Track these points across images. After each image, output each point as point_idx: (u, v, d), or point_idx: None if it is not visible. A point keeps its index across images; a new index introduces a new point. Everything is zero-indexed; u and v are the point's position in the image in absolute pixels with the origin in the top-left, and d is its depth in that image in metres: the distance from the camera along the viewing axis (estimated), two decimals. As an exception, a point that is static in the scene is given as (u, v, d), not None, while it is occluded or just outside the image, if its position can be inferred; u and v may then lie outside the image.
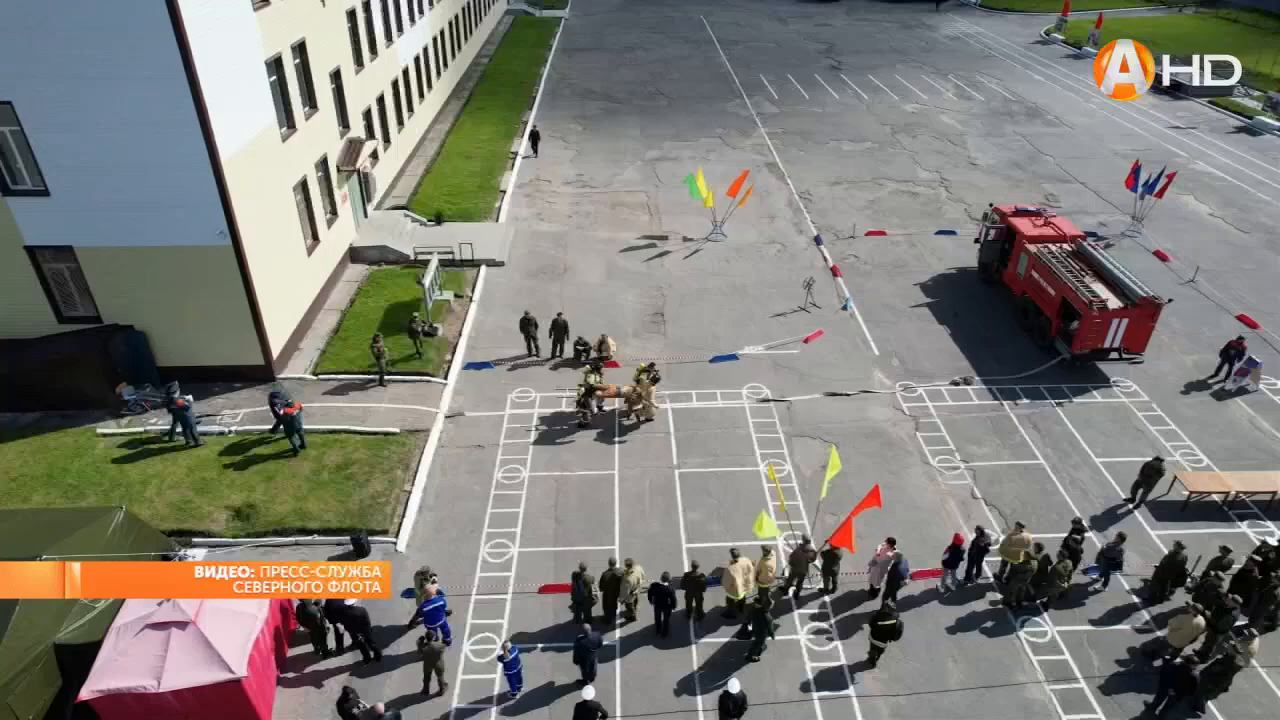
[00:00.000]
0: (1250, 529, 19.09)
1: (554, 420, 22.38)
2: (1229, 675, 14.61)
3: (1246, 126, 45.32)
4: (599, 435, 21.82)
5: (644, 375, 22.34)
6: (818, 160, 40.45)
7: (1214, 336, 25.60)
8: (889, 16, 72.66)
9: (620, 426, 22.15)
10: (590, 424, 22.25)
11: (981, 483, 20.47)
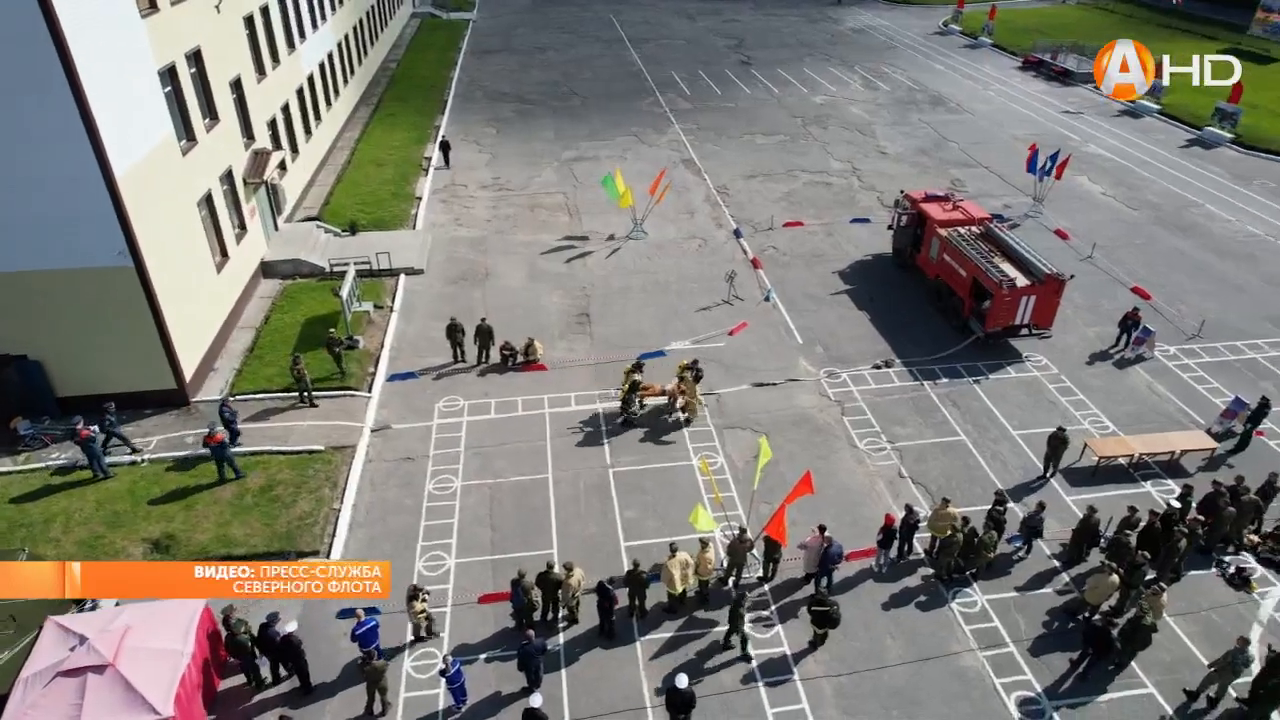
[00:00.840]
0: (1154, 488, 20.17)
1: (493, 426, 22.10)
2: (1142, 632, 15.37)
3: (1129, 110, 47.83)
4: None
5: (686, 372, 22.27)
6: (733, 154, 40.98)
7: (1112, 309, 26.95)
8: (795, 11, 74.10)
9: (608, 425, 22.03)
10: (636, 423, 22.15)
11: (908, 462, 21.08)
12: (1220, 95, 44.15)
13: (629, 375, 22.25)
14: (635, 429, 22.04)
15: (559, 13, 73.16)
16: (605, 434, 21.90)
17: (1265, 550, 18.32)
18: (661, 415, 22.58)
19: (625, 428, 22.05)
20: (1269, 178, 38.45)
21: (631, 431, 21.95)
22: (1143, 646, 15.57)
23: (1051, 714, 15.13)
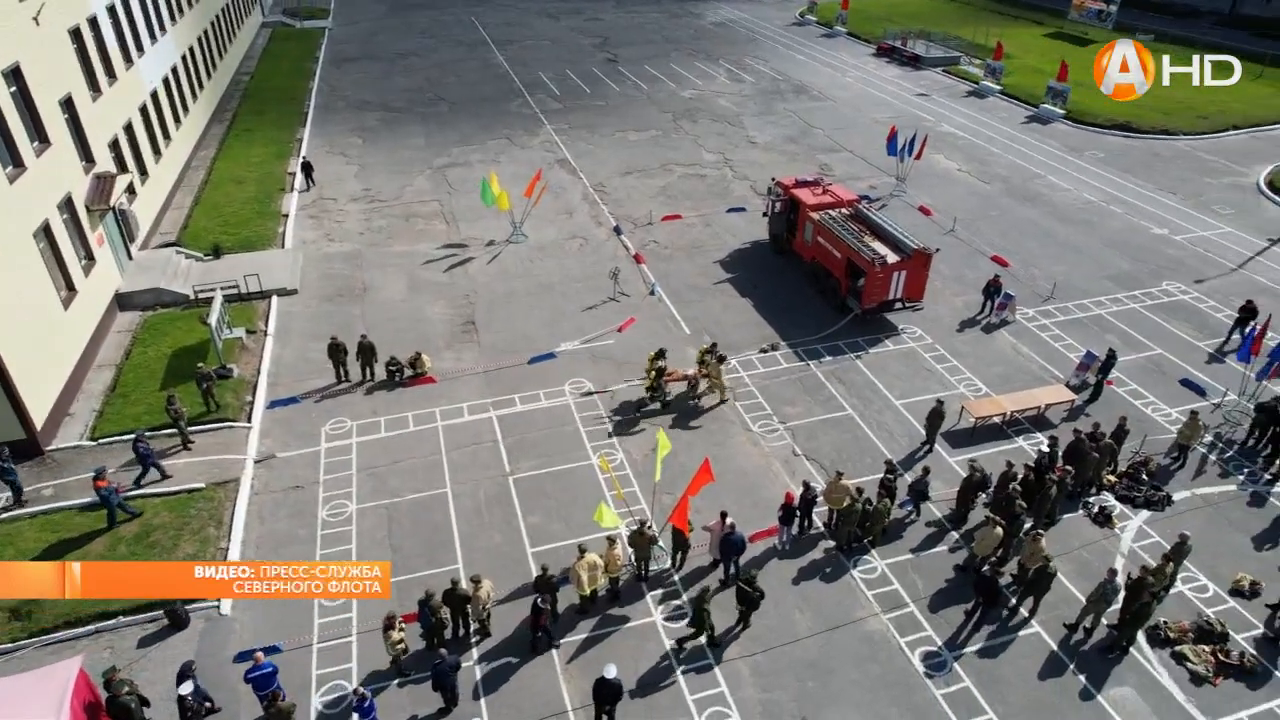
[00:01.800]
0: (1025, 442, 21.56)
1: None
2: (1045, 580, 16.42)
3: (975, 90, 50.89)
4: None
5: (707, 356, 22.58)
6: (606, 152, 41.14)
7: (976, 277, 28.60)
8: (656, 7, 74.99)
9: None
10: (668, 407, 22.59)
11: (800, 440, 21.74)
12: (1050, 75, 47.58)
13: (653, 362, 22.40)
14: (534, 433, 21.84)
15: (418, 17, 71.45)
16: (501, 441, 21.60)
17: (1121, 488, 19.92)
18: (689, 400, 23.08)
19: (522, 432, 21.85)
20: (1097, 148, 41.69)
21: (529, 437, 21.75)
22: (1045, 591, 16.61)
23: (952, 664, 15.95)
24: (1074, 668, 15.93)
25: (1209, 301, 27.98)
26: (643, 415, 22.57)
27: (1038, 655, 16.19)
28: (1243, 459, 21.07)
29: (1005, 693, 15.46)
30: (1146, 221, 33.76)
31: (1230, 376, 23.64)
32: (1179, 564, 17.10)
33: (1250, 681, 15.67)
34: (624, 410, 22.76)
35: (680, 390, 23.28)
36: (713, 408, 23.01)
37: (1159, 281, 29.25)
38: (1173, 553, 16.98)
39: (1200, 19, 65.11)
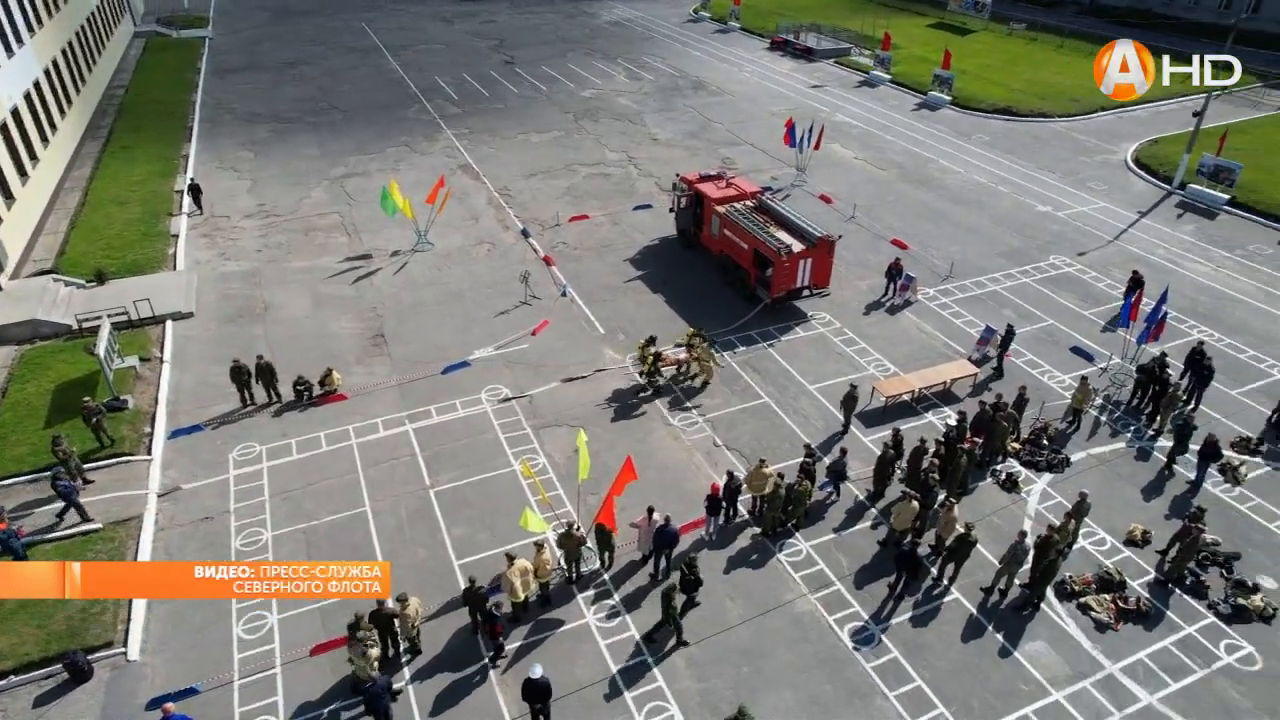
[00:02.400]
0: (934, 417, 22.40)
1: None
2: (965, 548, 17.08)
3: (866, 80, 52.54)
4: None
5: (695, 339, 23.38)
6: (509, 155, 40.73)
7: (878, 261, 29.52)
8: (551, 8, 74.64)
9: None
10: (659, 391, 23.29)
11: (720, 431, 22.02)
12: (935, 63, 49.56)
13: (645, 349, 23.07)
14: (452, 444, 21.46)
15: (305, 24, 69.13)
16: (419, 454, 21.14)
17: (1025, 454, 20.92)
18: (679, 382, 23.83)
19: (440, 444, 21.44)
20: (983, 132, 43.65)
21: (447, 448, 21.35)
22: (965, 559, 17.27)
23: (880, 637, 16.45)
24: (992, 628, 16.65)
25: (1091, 273, 29.66)
26: (642, 400, 22.99)
27: (958, 620, 16.85)
28: (1129, 418, 22.42)
29: (931, 659, 16.03)
30: (1031, 200, 35.53)
31: (1115, 342, 25.10)
32: (1080, 521, 18.08)
33: (1146, 623, 16.71)
34: (541, 414, 22.59)
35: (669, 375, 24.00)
36: (703, 387, 23.64)
37: (1046, 256, 30.83)
38: (1074, 511, 17.95)
39: (1065, 8, 68.91)
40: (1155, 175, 37.75)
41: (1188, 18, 61.66)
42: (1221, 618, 16.82)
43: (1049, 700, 15.28)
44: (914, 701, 15.25)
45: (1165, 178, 37.13)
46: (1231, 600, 17.02)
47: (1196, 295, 28.12)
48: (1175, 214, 34.48)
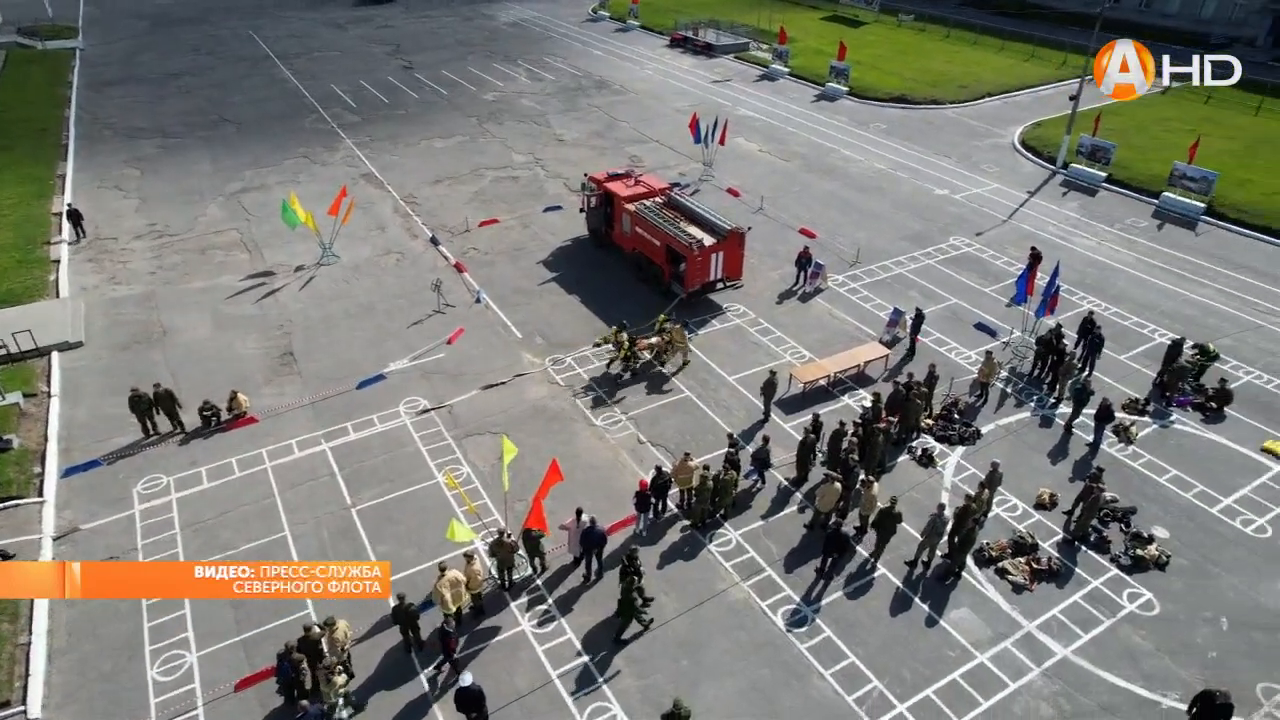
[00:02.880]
0: (850, 399, 23.02)
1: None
2: (890, 521, 17.60)
3: (766, 74, 53.56)
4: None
5: (666, 323, 24.18)
6: (413, 162, 39.91)
7: (787, 251, 30.13)
8: (448, 11, 73.45)
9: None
10: (637, 376, 23.82)
11: (643, 428, 22.11)
12: (831, 55, 50.89)
13: (617, 335, 23.51)
14: (372, 460, 20.91)
15: (187, 33, 66.06)
16: (338, 473, 20.53)
17: (938, 429, 21.72)
18: (654, 367, 24.27)
19: (359, 461, 20.87)
20: (880, 121, 45.07)
21: (367, 464, 20.80)
22: (892, 533, 17.77)
23: (813, 617, 16.81)
24: (918, 599, 17.23)
25: (989, 251, 30.99)
26: (620, 386, 22.98)
27: (886, 595, 17.37)
28: (1031, 388, 23.53)
29: (863, 635, 16.48)
30: (929, 184, 36.87)
31: (1015, 316, 26.28)
32: (994, 490, 18.86)
33: (1058, 581, 17.59)
34: (462, 423, 22.24)
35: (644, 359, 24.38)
36: (678, 371, 24.14)
37: (946, 238, 32.06)
38: (987, 481, 18.72)
39: (948, 1, 71.63)
40: (1040, 156, 39.70)
41: (1060, 8, 65.05)
42: (1123, 569, 17.83)
43: (974, 663, 15.91)
44: (849, 678, 15.65)
45: (1049, 158, 39.09)
46: (1130, 552, 18.06)
47: (1084, 268, 29.71)
48: (1060, 192, 36.34)
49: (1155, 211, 34.25)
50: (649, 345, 24.21)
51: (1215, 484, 20.06)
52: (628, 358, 23.60)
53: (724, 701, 15.27)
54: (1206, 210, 33.41)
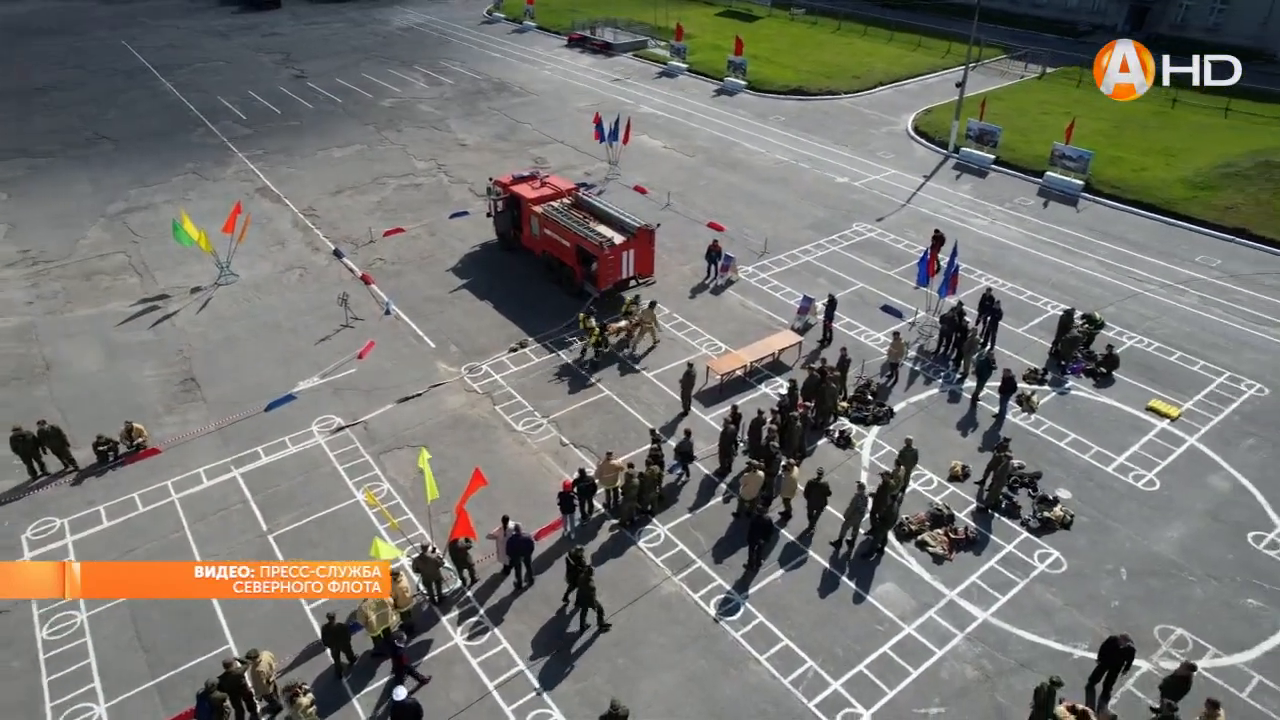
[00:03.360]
0: (767, 388, 23.45)
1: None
2: (818, 490, 18.19)
3: (665, 71, 53.97)
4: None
5: (632, 305, 25.07)
6: (311, 173, 38.64)
7: (697, 245, 30.44)
8: (338, 17, 71.34)
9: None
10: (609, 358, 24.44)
11: (565, 430, 22.00)
12: (728, 50, 51.65)
13: (585, 321, 24.23)
14: (287, 483, 20.17)
15: (50, 45, 62.08)
16: (251, 500, 19.73)
17: (853, 411, 22.34)
18: (622, 350, 24.92)
19: (274, 485, 20.10)
20: (779, 113, 46.03)
21: (282, 488, 20.05)
22: (824, 503, 18.38)
23: (744, 604, 17.06)
24: (845, 578, 17.69)
25: (890, 235, 32.04)
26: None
27: (814, 576, 17.76)
28: (939, 365, 24.45)
29: (794, 617, 16.81)
30: (830, 173, 37.85)
31: (919, 297, 27.23)
32: (910, 466, 19.51)
33: (975, 549, 18.34)
34: (379, 439, 21.69)
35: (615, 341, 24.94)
36: (648, 352, 24.81)
37: (849, 224, 32.98)
38: (902, 457, 19.35)
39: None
40: (933, 142, 41.25)
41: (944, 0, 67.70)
42: (1032, 531, 18.72)
43: (902, 635, 16.44)
44: (784, 660, 15.95)
45: (941, 143, 40.66)
46: (1038, 515, 18.98)
47: (980, 247, 31.03)
48: (954, 175, 37.86)
49: (1040, 190, 36.05)
50: (617, 329, 24.85)
51: (1109, 444, 21.27)
52: (598, 343, 24.09)
53: (663, 696, 15.35)
54: (1085, 187, 35.35)
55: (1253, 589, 17.29)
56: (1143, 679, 15.47)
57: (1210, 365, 24.19)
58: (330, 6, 75.04)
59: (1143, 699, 15.05)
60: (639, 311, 24.87)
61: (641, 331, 24.92)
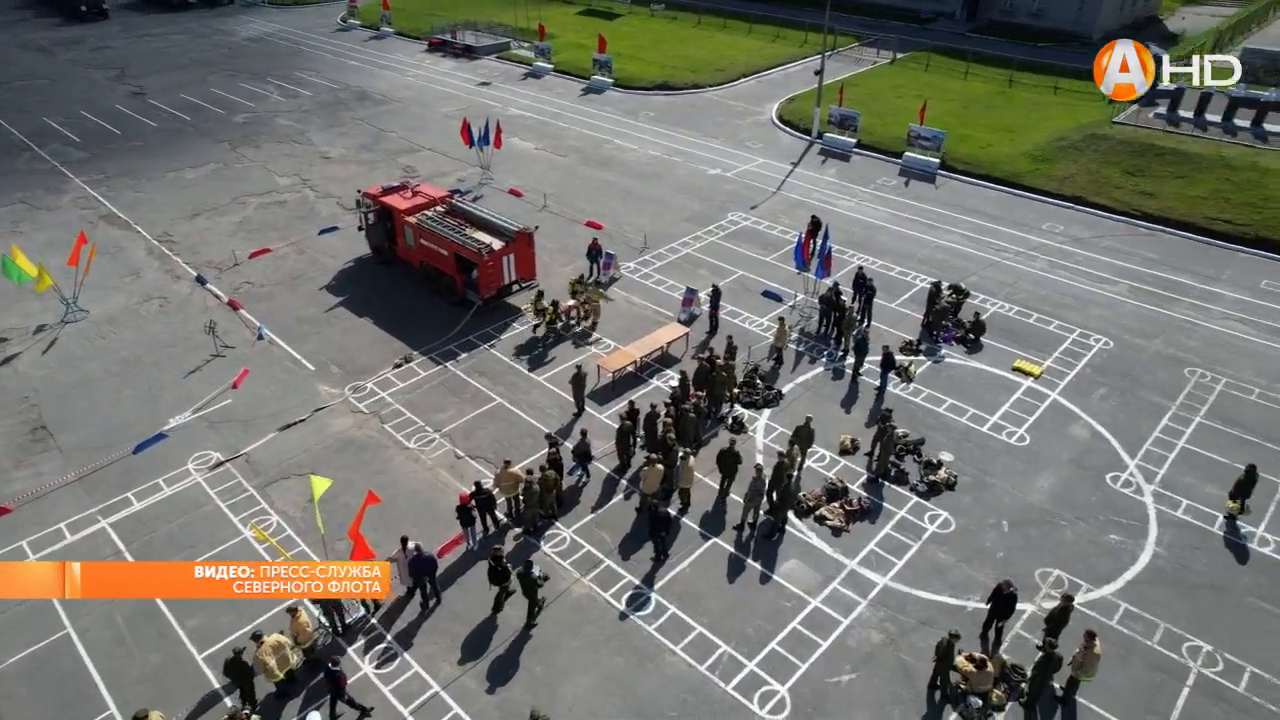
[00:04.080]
0: (659, 381, 23.67)
1: None
2: (730, 459, 18.91)
3: (531, 72, 53.59)
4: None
5: (578, 286, 26.36)
6: (162, 196, 36.26)
7: (577, 245, 30.37)
8: (176, 28, 67.24)
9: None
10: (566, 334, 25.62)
11: (459, 442, 21.54)
12: (592, 49, 51.78)
13: (537, 303, 25.84)
14: (165, 528, 18.89)
15: None
16: (126, 551, 18.37)
17: (744, 397, 22.86)
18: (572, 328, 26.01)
19: (150, 531, 18.79)
20: (648, 109, 46.51)
21: (160, 533, 18.77)
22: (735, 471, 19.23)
23: (654, 597, 17.17)
24: (750, 560, 18.08)
25: (765, 223, 32.93)
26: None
27: (720, 563, 18.07)
28: (821, 345, 25.32)
29: (705, 604, 17.05)
30: (703, 165, 38.55)
31: (798, 280, 28.10)
32: (805, 446, 20.11)
33: (870, 518, 19.11)
34: (262, 470, 20.61)
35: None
36: (593, 329, 25.95)
37: (725, 214, 33.68)
38: (797, 435, 19.92)
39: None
40: (797, 129, 42.65)
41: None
42: (921, 495, 19.67)
43: (810, 608, 16.95)
44: (699, 648, 16.16)
45: (805, 130, 42.09)
46: (925, 479, 19.96)
47: (849, 228, 32.32)
48: (819, 160, 39.26)
49: (901, 170, 37.87)
50: (568, 309, 25.96)
51: (982, 405, 22.59)
52: (552, 321, 25.55)
53: (583, 699, 15.28)
54: (941, 165, 37.39)
55: (1114, 525, 18.77)
56: (1029, 620, 16.53)
57: (1063, 324, 26.07)
58: (165, 17, 70.69)
59: (1030, 639, 16.07)
60: (585, 290, 26.18)
61: (590, 309, 26.00)
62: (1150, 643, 16.10)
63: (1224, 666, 15.64)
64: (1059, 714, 14.93)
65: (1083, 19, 56.03)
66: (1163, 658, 15.84)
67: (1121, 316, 26.46)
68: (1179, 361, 24.26)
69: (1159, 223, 32.17)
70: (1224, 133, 36.02)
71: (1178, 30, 58.62)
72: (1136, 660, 15.79)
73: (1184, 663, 15.74)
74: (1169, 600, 16.97)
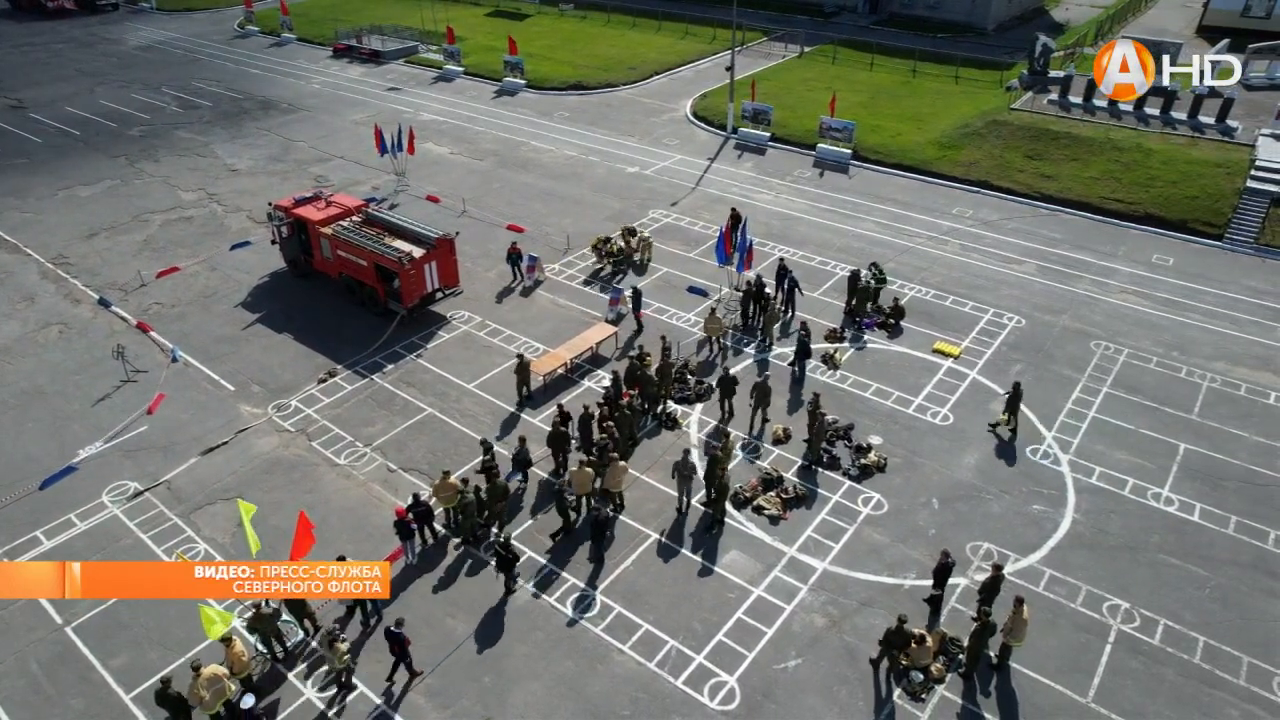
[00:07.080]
0: (591, 381, 23.66)
1: None
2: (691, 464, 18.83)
3: (441, 76, 52.76)
4: None
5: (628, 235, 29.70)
6: (54, 216, 34.36)
7: (498, 249, 30.02)
8: (57, 36, 63.72)
9: None
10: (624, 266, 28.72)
11: (391, 455, 21.11)
12: (502, 50, 51.27)
13: (599, 243, 29.40)
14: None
15: None
16: (39, 592, 17.40)
17: (675, 392, 23.04)
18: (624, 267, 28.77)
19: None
20: (562, 109, 46.35)
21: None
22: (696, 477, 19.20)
23: (598, 597, 17.19)
24: (691, 554, 18.25)
25: (686, 219, 33.23)
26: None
27: (662, 559, 18.19)
28: (747, 336, 25.72)
29: (650, 601, 17.16)
30: (621, 164, 38.64)
31: (721, 274, 28.46)
32: (763, 404, 20.66)
33: (806, 504, 19.54)
34: (186, 497, 19.78)
35: None
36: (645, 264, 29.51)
37: (646, 212, 33.85)
38: (754, 391, 20.28)
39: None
40: (712, 125, 43.15)
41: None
42: (853, 479, 20.20)
43: (753, 598, 17.23)
44: (646, 645, 16.25)
45: (720, 126, 42.62)
46: (856, 463, 20.51)
47: (769, 220, 32.89)
48: (736, 155, 39.82)
49: (815, 162, 38.71)
50: (621, 249, 29.07)
51: (906, 388, 23.33)
52: (614, 254, 28.88)
53: (535, 704, 15.19)
54: (853, 155, 38.38)
55: (1035, 496, 19.65)
56: (964, 593, 17.17)
57: (978, 305, 27.12)
58: (44, 25, 66.99)
59: (966, 611, 16.70)
60: (633, 236, 29.52)
61: (642, 246, 29.37)
62: (1074, 605, 16.93)
63: (1140, 622, 16.57)
64: (994, 680, 15.56)
65: (976, 11, 58.29)
66: (1086, 618, 16.67)
67: (1031, 295, 27.69)
68: (1086, 335, 25.54)
69: (1059, 203, 33.76)
70: (1110, 116, 37.99)
71: (1063, 20, 61.51)
72: (1063, 623, 16.58)
73: (1105, 621, 16.61)
74: (1089, 564, 17.87)
